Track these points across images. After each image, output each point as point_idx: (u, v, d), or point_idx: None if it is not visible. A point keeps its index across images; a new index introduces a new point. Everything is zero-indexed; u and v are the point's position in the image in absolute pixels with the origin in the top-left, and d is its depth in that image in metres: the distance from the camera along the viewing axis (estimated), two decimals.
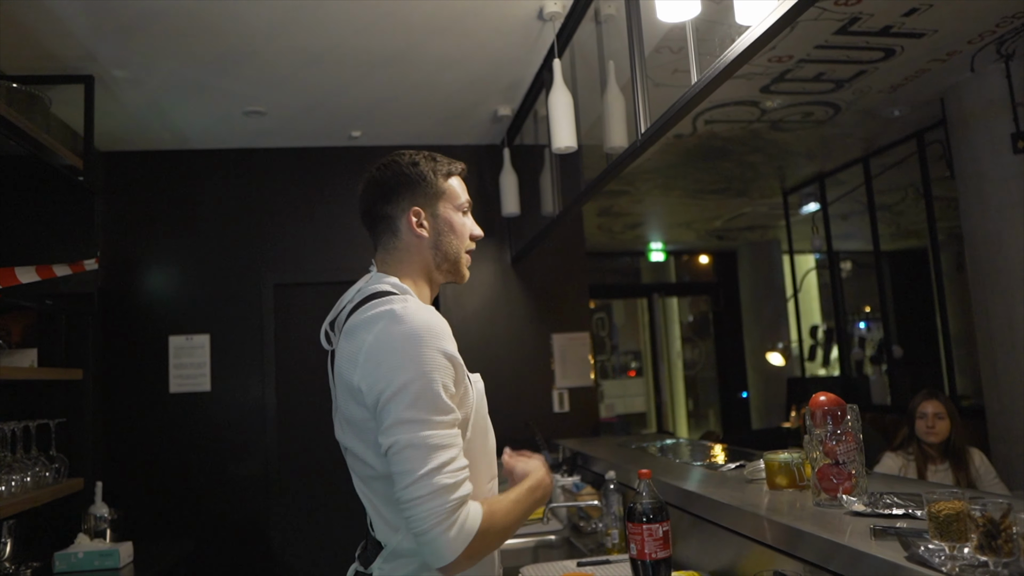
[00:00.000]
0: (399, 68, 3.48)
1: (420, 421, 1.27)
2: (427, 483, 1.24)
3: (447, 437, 1.28)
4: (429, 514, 1.23)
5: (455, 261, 1.55)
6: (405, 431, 1.27)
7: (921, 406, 3.37)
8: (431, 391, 1.28)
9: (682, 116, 2.04)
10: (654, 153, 5.41)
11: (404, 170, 1.51)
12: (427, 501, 1.24)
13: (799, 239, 7.60)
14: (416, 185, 1.51)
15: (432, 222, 1.52)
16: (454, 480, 1.26)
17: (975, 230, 4.36)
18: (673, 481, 2.17)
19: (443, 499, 1.24)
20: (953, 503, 1.18)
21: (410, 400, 1.27)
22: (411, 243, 1.51)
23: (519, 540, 2.90)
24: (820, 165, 6.21)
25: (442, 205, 1.53)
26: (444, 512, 1.23)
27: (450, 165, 1.56)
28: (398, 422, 1.27)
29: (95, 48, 3.12)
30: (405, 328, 1.32)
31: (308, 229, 4.45)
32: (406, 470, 1.26)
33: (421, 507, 1.23)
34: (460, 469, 1.28)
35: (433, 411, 1.28)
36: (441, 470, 1.25)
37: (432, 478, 1.24)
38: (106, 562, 2.68)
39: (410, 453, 1.26)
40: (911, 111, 4.83)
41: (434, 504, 1.23)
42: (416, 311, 1.36)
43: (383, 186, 1.51)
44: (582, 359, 4.59)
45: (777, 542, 1.57)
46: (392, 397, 1.28)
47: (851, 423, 1.64)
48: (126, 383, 4.17)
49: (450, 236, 1.53)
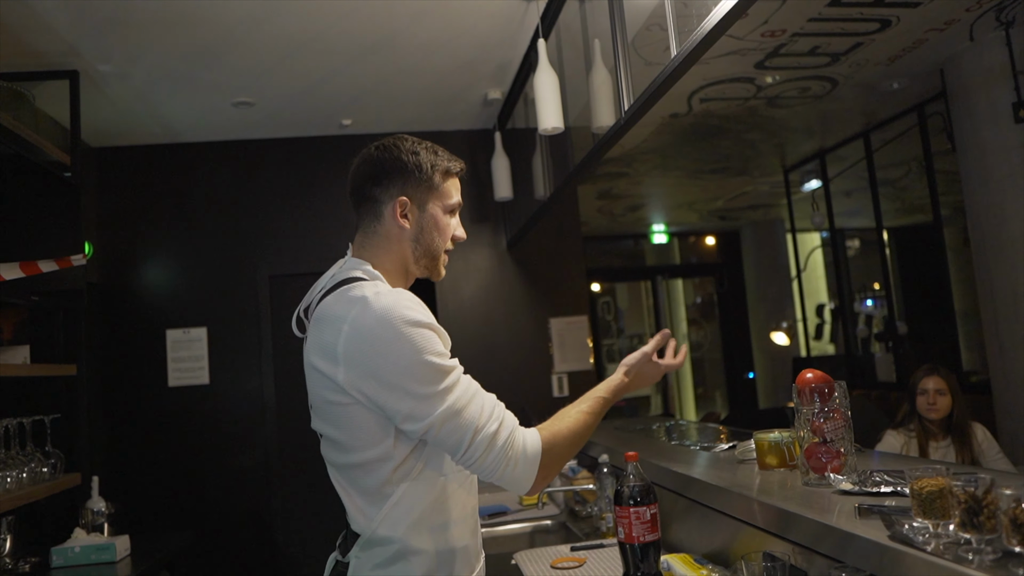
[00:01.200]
0: (385, 54, 3.44)
1: (434, 394, 1.29)
2: (477, 444, 1.31)
3: (465, 392, 1.33)
4: (494, 465, 1.32)
5: (434, 258, 1.52)
6: (429, 409, 1.29)
7: (922, 382, 3.33)
8: (426, 364, 1.30)
9: (664, 91, 1.99)
10: (651, 134, 5.37)
11: (403, 156, 1.47)
12: (485, 457, 1.31)
13: (802, 217, 7.53)
14: (411, 175, 1.47)
15: (417, 215, 1.48)
16: (495, 427, 1.33)
17: (977, 203, 4.30)
18: (664, 463, 2.14)
19: (495, 448, 1.31)
20: (935, 480, 1.14)
21: (415, 382, 1.29)
22: (392, 232, 1.48)
23: (515, 526, 2.88)
24: (820, 141, 6.14)
25: (432, 202, 1.49)
26: (503, 458, 1.32)
27: (450, 163, 1.52)
28: (417, 404, 1.29)
29: (78, 43, 3.09)
30: (379, 314, 1.30)
31: (302, 219, 4.43)
32: (454, 442, 1.31)
33: (484, 463, 1.32)
34: (491, 410, 1.35)
35: (438, 379, 1.31)
36: (481, 427, 1.31)
37: (477, 438, 1.31)
38: (103, 556, 2.68)
39: (448, 427, 1.30)
40: (910, 83, 4.76)
41: (491, 456, 1.31)
42: (387, 294, 1.34)
43: (377, 167, 1.48)
44: (581, 343, 4.57)
45: (766, 524, 1.55)
46: (395, 387, 1.29)
47: (839, 400, 1.61)
48: (125, 378, 4.18)
49: (433, 233, 1.50)
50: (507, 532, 2.88)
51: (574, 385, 4.51)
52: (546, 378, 4.49)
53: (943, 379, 3.30)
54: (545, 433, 1.38)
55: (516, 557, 2.29)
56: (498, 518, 2.98)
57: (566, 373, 4.52)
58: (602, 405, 1.56)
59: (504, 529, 2.90)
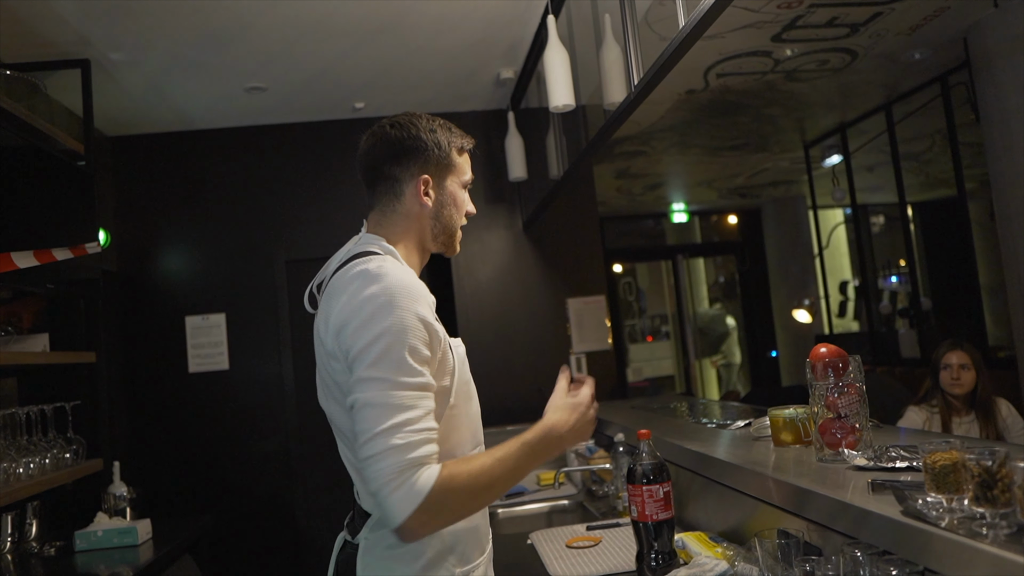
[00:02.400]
0: (395, 35, 3.41)
1: (382, 380, 1.22)
2: (380, 442, 1.19)
3: (409, 398, 1.23)
4: (379, 473, 1.18)
5: (451, 234, 1.54)
6: (366, 389, 1.23)
7: (945, 357, 3.28)
8: (397, 351, 1.24)
9: (673, 64, 1.95)
10: (667, 111, 5.30)
11: (422, 135, 1.47)
12: (378, 460, 1.18)
13: (823, 194, 7.42)
14: (431, 152, 1.47)
15: (438, 193, 1.49)
16: (407, 440, 1.19)
17: (1003, 175, 4.19)
18: (678, 441, 2.12)
19: (394, 459, 1.18)
20: (949, 453, 1.12)
21: (374, 358, 1.24)
22: (412, 209, 1.48)
23: (532, 506, 2.89)
24: (841, 115, 6.03)
25: (451, 178, 1.51)
26: (393, 472, 1.17)
27: (463, 139, 1.54)
28: (360, 380, 1.24)
29: (88, 32, 3.10)
30: (377, 287, 1.28)
31: (317, 204, 4.44)
32: (363, 429, 1.21)
33: (372, 466, 1.19)
34: (420, 431, 1.22)
35: (397, 371, 1.23)
36: (398, 430, 1.20)
37: (386, 437, 1.19)
38: (125, 539, 2.71)
39: (368, 412, 1.21)
40: (933, 53, 4.64)
41: (385, 464, 1.18)
42: (392, 270, 1.32)
43: (396, 146, 1.47)
44: (599, 323, 4.54)
45: (781, 501, 1.53)
46: (358, 355, 1.25)
47: (853, 375, 1.58)
48: (146, 365, 4.23)
49: (451, 209, 1.52)
50: (524, 512, 2.89)
51: (593, 365, 4.48)
52: (564, 359, 4.47)
53: (967, 353, 3.25)
54: (444, 471, 1.21)
55: (532, 537, 2.29)
56: (515, 498, 2.98)
57: (584, 354, 4.50)
58: (521, 450, 1.33)
59: (522, 509, 2.90)
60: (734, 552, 1.68)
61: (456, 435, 1.40)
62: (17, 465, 2.63)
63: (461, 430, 1.41)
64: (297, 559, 4.23)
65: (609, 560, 1.97)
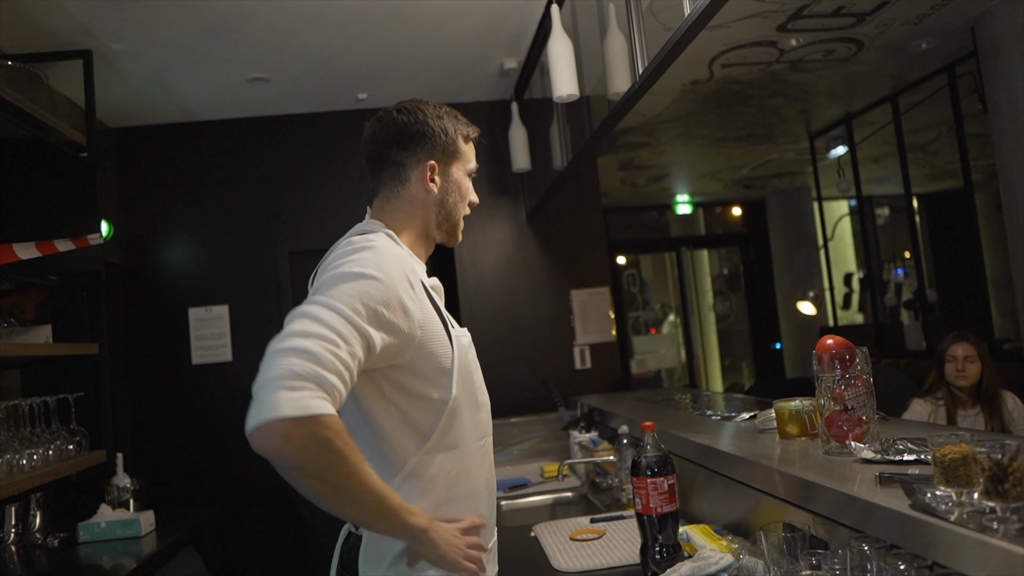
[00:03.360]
0: (398, 25, 3.39)
1: (324, 302, 1.16)
2: (296, 341, 1.09)
3: (341, 324, 1.14)
4: (274, 368, 1.06)
5: (454, 223, 1.54)
6: (304, 304, 1.18)
7: (951, 349, 3.26)
8: (353, 291, 1.19)
9: (677, 53, 1.93)
10: (672, 101, 5.27)
11: (430, 121, 1.47)
12: (286, 355, 1.07)
13: (828, 185, 7.38)
14: (438, 139, 1.48)
15: (443, 180, 1.50)
16: (326, 360, 1.08)
17: (1010, 166, 4.16)
18: (683, 433, 2.11)
19: (305, 365, 1.06)
20: (959, 446, 1.10)
21: (328, 287, 1.20)
22: (417, 196, 1.48)
23: (536, 498, 2.88)
24: (846, 106, 5.99)
25: (456, 166, 1.52)
26: (290, 372, 1.05)
27: (469, 128, 1.55)
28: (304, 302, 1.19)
29: (89, 22, 3.08)
30: (359, 245, 1.30)
31: (320, 195, 4.43)
32: (284, 332, 1.12)
33: (277, 359, 1.07)
34: (337, 358, 1.10)
35: (346, 304, 1.17)
36: (321, 342, 1.10)
37: (299, 339, 1.09)
38: (128, 531, 2.71)
39: (296, 318, 1.14)
40: (940, 43, 4.60)
41: (286, 361, 1.06)
42: (384, 245, 1.33)
43: (403, 131, 1.47)
44: (603, 314, 4.52)
45: (786, 494, 1.51)
46: (316, 289, 1.23)
47: (860, 367, 1.56)
48: (150, 356, 4.23)
49: (456, 197, 1.52)
50: (528, 505, 2.88)
51: (597, 357, 4.47)
52: (568, 350, 4.46)
53: (972, 346, 3.23)
54: (336, 422, 1.08)
55: (535, 529, 2.29)
56: (519, 491, 2.98)
57: (588, 345, 4.49)
58: (391, 500, 1.20)
59: (525, 502, 2.90)
60: (739, 545, 1.67)
61: (458, 425, 1.38)
62: (20, 456, 2.63)
63: (463, 420, 1.39)
64: (301, 550, 4.23)
65: (613, 553, 1.96)
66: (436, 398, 1.34)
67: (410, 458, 1.34)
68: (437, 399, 1.34)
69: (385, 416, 1.33)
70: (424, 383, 1.33)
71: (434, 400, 1.34)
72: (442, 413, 1.34)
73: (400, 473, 1.34)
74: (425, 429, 1.34)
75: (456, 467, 1.38)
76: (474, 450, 1.42)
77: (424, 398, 1.34)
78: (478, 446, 1.44)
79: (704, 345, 9.68)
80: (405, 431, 1.33)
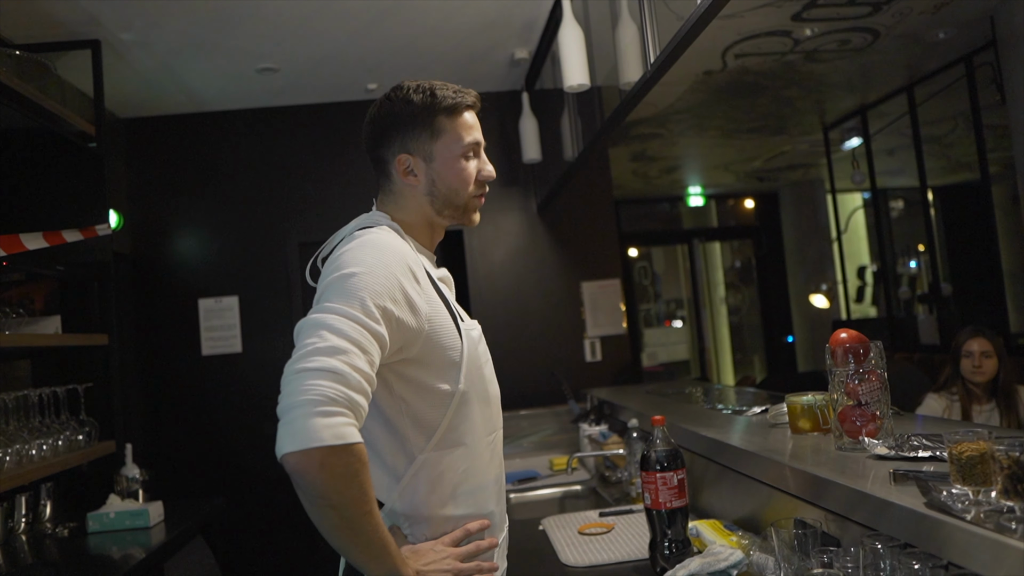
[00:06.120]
0: (408, 14, 3.36)
1: (336, 308, 1.15)
2: (316, 361, 1.07)
3: (358, 332, 1.13)
4: (304, 391, 1.04)
5: (457, 207, 1.43)
6: (314, 313, 1.16)
7: (966, 344, 3.21)
8: (359, 289, 1.17)
9: (689, 41, 1.90)
10: (684, 92, 5.21)
11: (395, 108, 1.38)
12: (309, 377, 1.06)
13: (842, 177, 7.31)
14: (405, 126, 1.38)
15: (424, 168, 1.39)
16: (348, 368, 1.08)
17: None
18: (693, 427, 2.08)
19: (331, 384, 1.06)
20: (977, 444, 1.07)
21: (335, 291, 1.18)
22: (403, 189, 1.43)
23: (545, 491, 2.86)
24: (861, 97, 5.91)
25: (440, 149, 1.38)
26: (324, 397, 1.04)
27: (456, 99, 1.38)
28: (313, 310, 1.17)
29: (97, 11, 3.07)
30: (364, 240, 1.28)
31: (329, 186, 4.42)
32: (301, 344, 1.11)
33: (305, 379, 1.06)
34: (361, 372, 1.10)
35: (358, 308, 1.16)
36: (337, 353, 1.09)
37: (324, 357, 1.08)
38: (137, 521, 2.72)
39: (310, 328, 1.12)
40: (958, 32, 4.53)
41: (316, 384, 1.05)
42: (387, 236, 1.31)
43: (377, 126, 1.42)
44: (613, 307, 4.50)
45: (798, 490, 1.49)
46: (322, 293, 1.21)
47: (874, 361, 1.53)
48: (159, 347, 4.24)
49: (448, 182, 1.40)
50: (537, 498, 2.86)
51: (607, 349, 4.45)
52: (579, 343, 4.44)
53: (988, 341, 3.18)
54: (361, 449, 1.08)
55: (543, 523, 2.27)
56: (528, 483, 2.96)
57: (599, 337, 4.46)
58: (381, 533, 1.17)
59: (534, 495, 2.88)
60: (749, 541, 1.64)
61: (468, 419, 1.36)
62: (30, 447, 2.64)
63: (473, 414, 1.37)
64: (310, 542, 4.24)
65: (622, 548, 1.94)
66: (445, 390, 1.32)
67: (419, 454, 1.32)
68: (446, 391, 1.32)
69: (395, 412, 1.31)
70: (433, 376, 1.31)
71: (443, 392, 1.32)
72: (450, 406, 1.32)
73: (409, 469, 1.32)
74: (434, 423, 1.32)
75: (465, 463, 1.36)
76: (483, 446, 1.40)
77: (433, 391, 1.31)
78: (488, 441, 1.42)
79: (716, 338, 9.63)
80: (414, 426, 1.31)
